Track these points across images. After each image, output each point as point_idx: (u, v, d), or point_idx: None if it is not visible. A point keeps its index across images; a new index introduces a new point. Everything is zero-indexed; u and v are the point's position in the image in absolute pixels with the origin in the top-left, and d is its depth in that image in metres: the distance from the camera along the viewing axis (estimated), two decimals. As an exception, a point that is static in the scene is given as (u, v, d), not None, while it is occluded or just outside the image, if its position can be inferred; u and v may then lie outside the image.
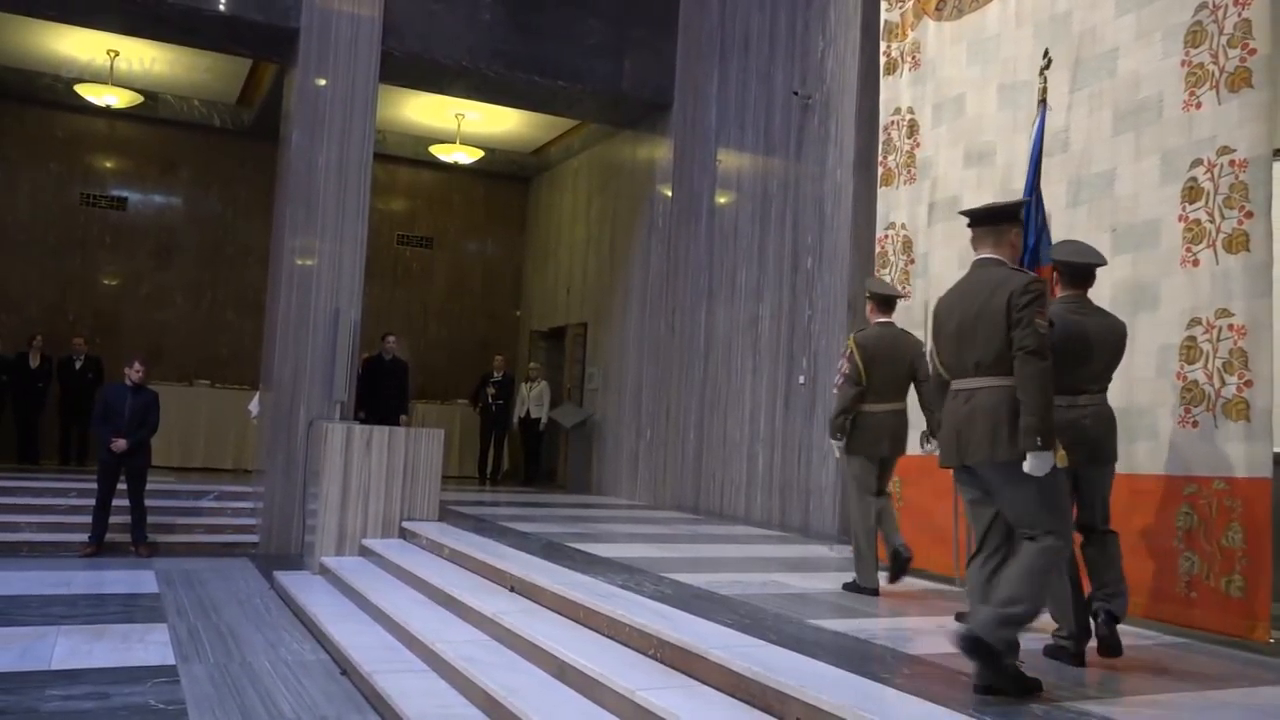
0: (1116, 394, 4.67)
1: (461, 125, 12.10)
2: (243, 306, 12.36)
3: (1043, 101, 5.29)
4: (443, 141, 12.47)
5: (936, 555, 5.46)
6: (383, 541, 7.17)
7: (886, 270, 6.38)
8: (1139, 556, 4.48)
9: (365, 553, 7.14)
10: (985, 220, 3.51)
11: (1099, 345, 3.87)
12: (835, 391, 5.25)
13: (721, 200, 9.35)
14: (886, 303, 5.21)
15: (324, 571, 6.96)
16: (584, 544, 6.38)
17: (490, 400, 12.23)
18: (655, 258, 10.31)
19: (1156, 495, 4.48)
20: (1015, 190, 5.45)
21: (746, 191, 8.96)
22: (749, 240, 8.82)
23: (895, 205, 6.33)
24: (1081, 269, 3.94)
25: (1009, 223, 3.49)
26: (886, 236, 6.39)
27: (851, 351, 5.17)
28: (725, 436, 8.74)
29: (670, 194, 10.14)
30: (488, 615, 4.80)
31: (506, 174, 13.97)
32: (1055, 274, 4.03)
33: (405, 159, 13.39)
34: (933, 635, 4.09)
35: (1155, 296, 4.60)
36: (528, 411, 12.10)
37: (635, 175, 11.03)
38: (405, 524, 7.31)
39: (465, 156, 12.34)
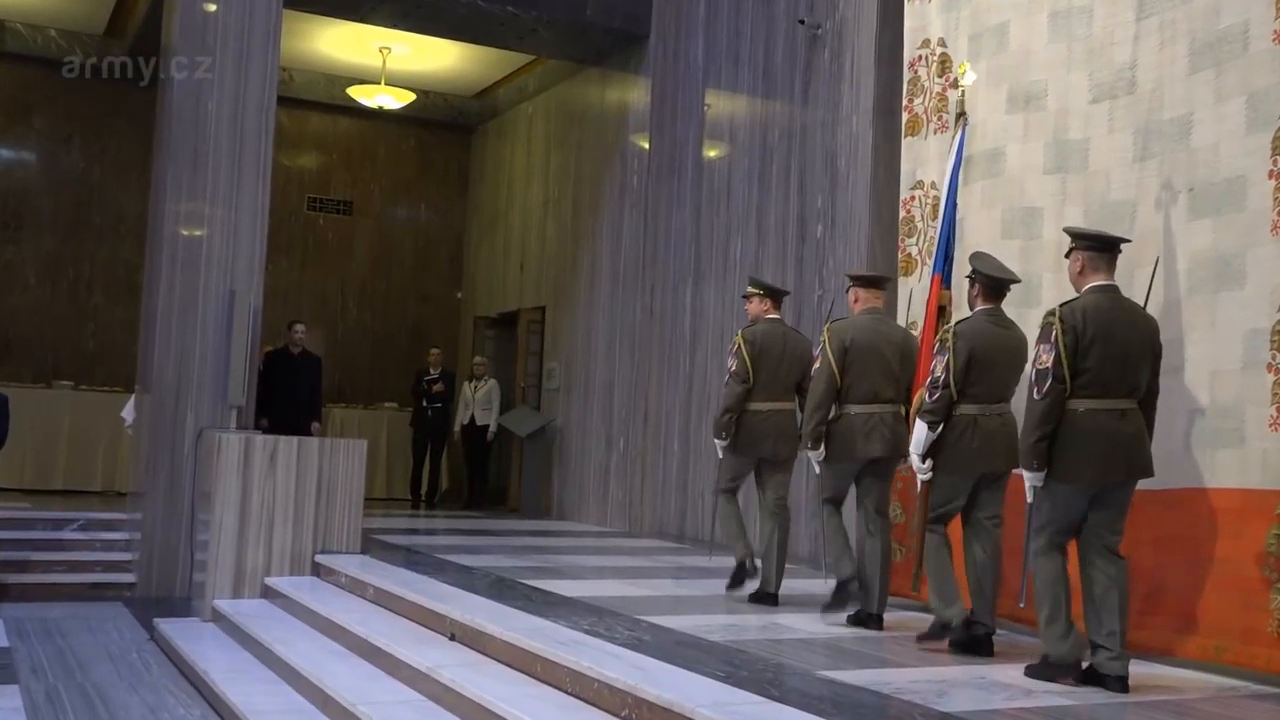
0: (1192, 390, 4.74)
1: (387, 62, 12.06)
2: (113, 289, 12.27)
3: (962, 115, 5.44)
4: (364, 82, 12.42)
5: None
6: (291, 580, 7.17)
7: (913, 239, 6.43)
8: (1218, 589, 4.53)
9: (269, 594, 7.13)
10: (1107, 247, 4.40)
11: (1021, 358, 4.89)
12: (723, 390, 6.04)
13: (711, 154, 9.37)
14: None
15: (218, 618, 6.95)
16: (542, 580, 6.40)
17: (425, 404, 12.23)
18: (629, 225, 10.31)
19: (1242, 514, 4.53)
20: (1069, 142, 5.50)
21: (741, 143, 8.97)
22: (745, 203, 8.83)
23: (923, 159, 6.37)
24: (1002, 284, 4.93)
25: (1118, 251, 4.46)
26: (913, 198, 6.43)
27: (738, 347, 5.91)
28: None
29: (647, 146, 10.14)
30: (422, 670, 4.80)
31: (444, 122, 13.93)
32: (974, 285, 4.93)
33: (317, 104, 13.32)
34: (968, 688, 4.13)
35: (1240, 271, 4.65)
36: (472, 417, 12.11)
37: (604, 123, 11.03)
38: (319, 558, 7.31)
39: (392, 100, 12.30)
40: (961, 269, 5.44)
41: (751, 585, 5.99)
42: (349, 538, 7.50)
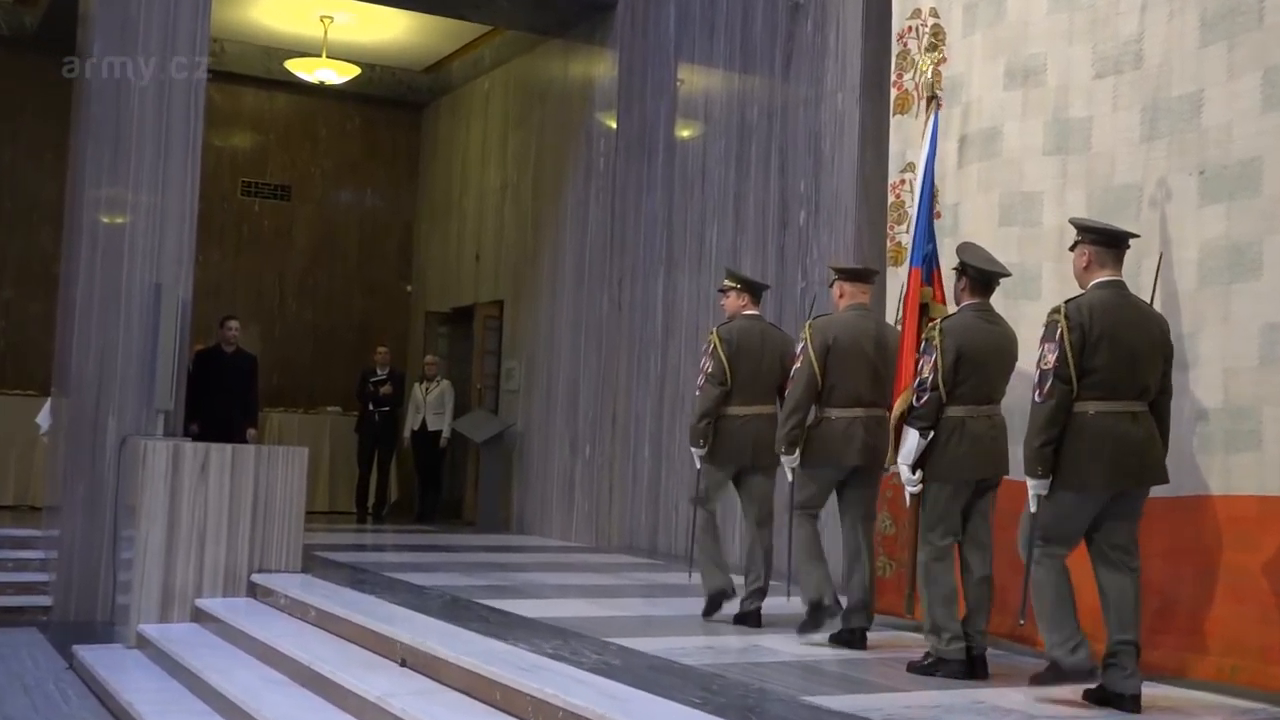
0: (1204, 389, 4.76)
1: (329, 32, 11.99)
2: (27, 281, 12.12)
3: (933, 98, 5.44)
4: (304, 54, 12.35)
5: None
6: (225, 602, 7.13)
7: (904, 226, 6.44)
8: (1233, 604, 4.57)
9: (201, 617, 7.09)
10: (1115, 242, 4.45)
11: (1011, 356, 4.96)
12: (697, 393, 6.00)
13: (684, 134, 9.36)
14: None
15: (143, 644, 6.91)
16: (501, 600, 6.38)
17: (372, 408, 12.18)
18: (596, 211, 10.30)
19: (1259, 523, 4.56)
20: (1070, 121, 5.52)
21: (718, 122, 8.97)
22: (721, 188, 8.84)
23: (914, 139, 6.38)
24: (991, 278, 4.95)
25: (1127, 246, 4.52)
26: (903, 181, 6.45)
27: (714, 346, 5.87)
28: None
29: (614, 125, 10.13)
30: (370, 699, 4.78)
31: (392, 99, 13.88)
32: (961, 278, 4.94)
33: (252, 78, 13.24)
34: (965, 714, 4.14)
35: (1256, 260, 4.68)
36: (423, 422, 12.08)
37: (567, 100, 11.00)
38: (256, 577, 7.28)
39: (335, 75, 12.23)
40: (949, 260, 5.44)
41: (731, 608, 5.96)
42: (289, 555, 7.46)
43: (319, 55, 12.14)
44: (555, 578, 7.82)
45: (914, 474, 4.83)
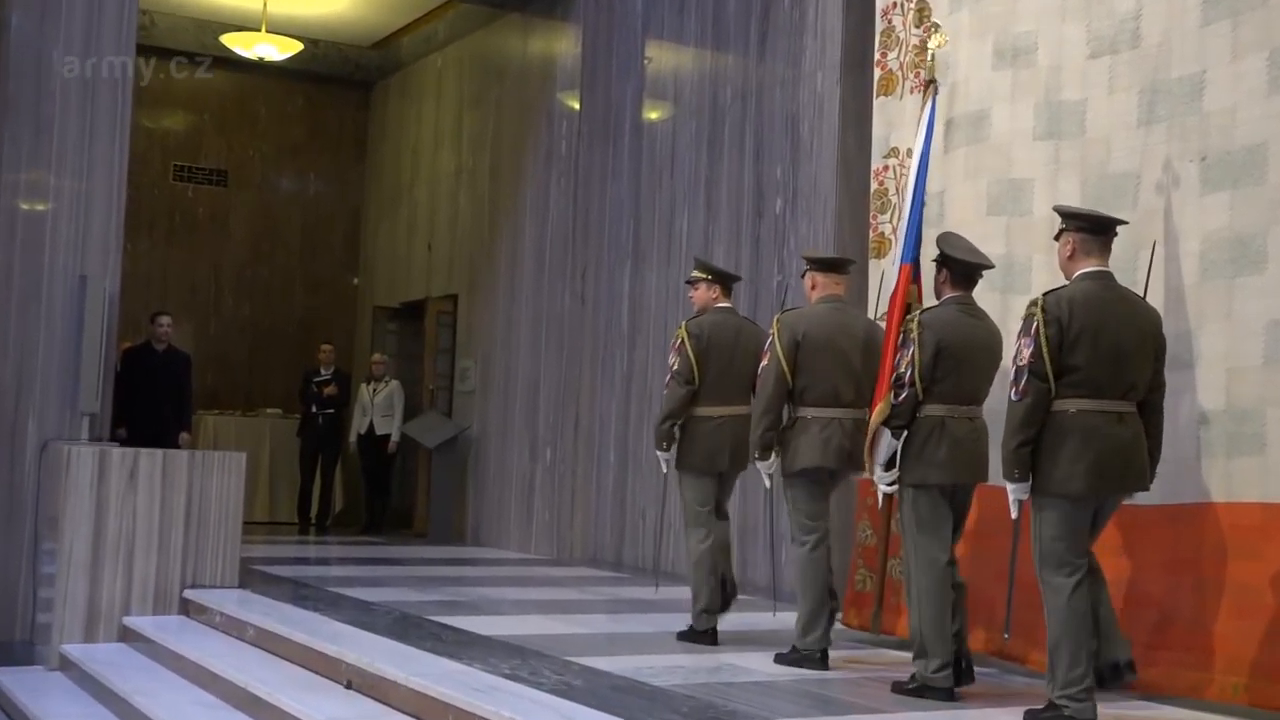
0: (1205, 390, 4.79)
1: (269, 4, 11.90)
2: (-60, 273, 12.00)
3: (932, 83, 5.44)
4: (241, 28, 12.26)
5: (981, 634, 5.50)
6: (155, 620, 7.09)
7: (887, 215, 6.46)
8: (1236, 618, 4.60)
9: (129, 636, 7.05)
10: (1101, 229, 4.47)
11: (994, 354, 4.99)
12: (665, 392, 5.97)
13: (653, 116, 9.35)
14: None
15: (66, 666, 6.87)
16: (454, 617, 6.38)
17: (315, 410, 12.13)
18: (557, 199, 10.28)
19: (1263, 531, 4.60)
20: (1063, 104, 5.55)
21: (688, 103, 8.97)
22: (692, 173, 8.83)
23: (898, 123, 6.40)
24: (973, 269, 4.97)
25: (1114, 234, 4.52)
26: (886, 168, 6.47)
27: (681, 341, 5.82)
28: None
29: (578, 107, 10.12)
30: (312, 724, 4.75)
31: (337, 76, 13.82)
32: (941, 270, 4.97)
33: (186, 53, 13.09)
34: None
35: (1261, 252, 4.72)
36: (370, 425, 12.03)
37: (526, 79, 10.98)
38: (189, 593, 7.24)
39: (275, 50, 12.14)
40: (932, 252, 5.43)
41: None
42: (225, 569, 7.42)
43: (258, 29, 12.04)
44: (513, 592, 7.81)
45: (887, 473, 4.84)
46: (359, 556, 10.05)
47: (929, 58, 6.06)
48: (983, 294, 5.12)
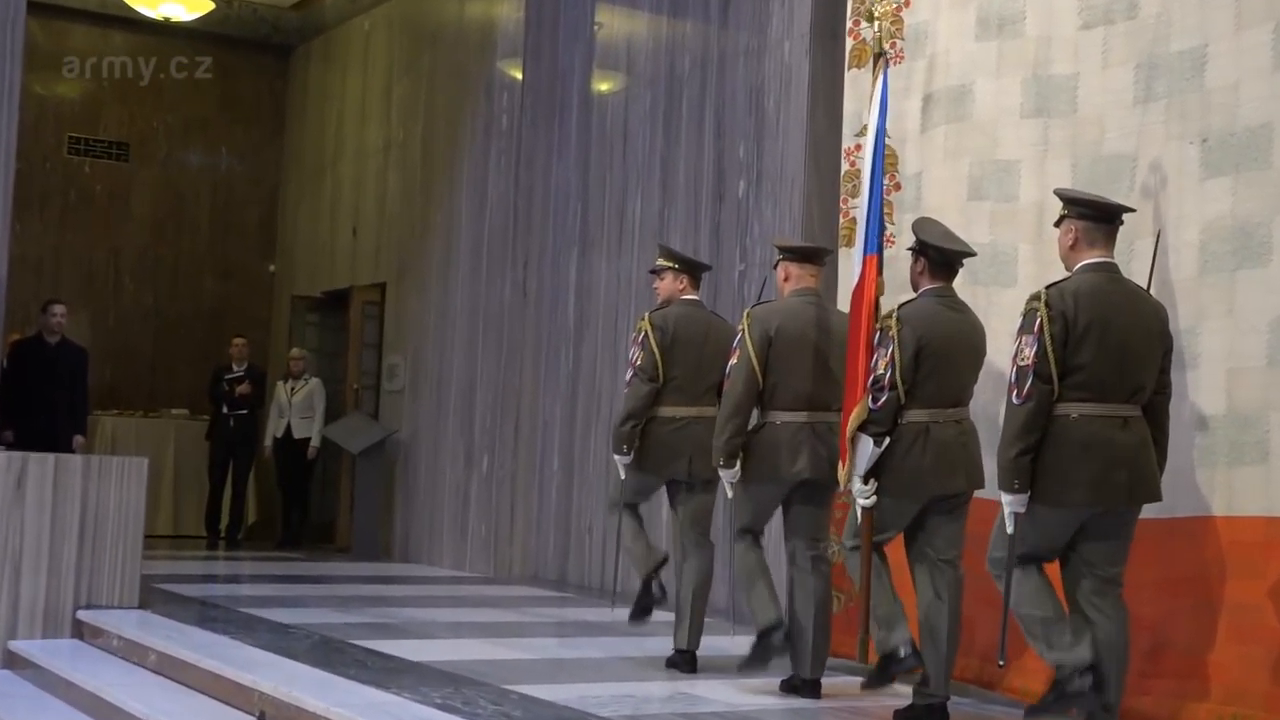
0: (1204, 393, 4.83)
1: (176, -41, 11.82)
2: None
3: (880, 55, 5.46)
4: (145, -14, 12.16)
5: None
6: (44, 644, 7.02)
7: (859, 200, 6.46)
8: (1237, 643, 4.64)
9: (14, 663, 6.98)
10: (1107, 217, 4.51)
11: (979, 350, 5.04)
12: (625, 390, 6.05)
13: (603, 88, 9.34)
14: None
15: (-57, 696, 6.75)
16: (381, 641, 6.36)
17: (226, 410, 12.09)
18: (497, 179, 10.27)
19: (1266, 548, 4.63)
20: (1053, 78, 5.58)
21: (642, 74, 8.97)
22: (646, 151, 8.84)
23: (870, 100, 6.41)
24: (953, 257, 5.00)
25: (1120, 222, 4.58)
26: (859, 147, 6.47)
27: (645, 334, 5.87)
28: (610, 464, 8.75)
29: (520, 77, 10.10)
30: (219, 761, 4.73)
31: (253, 40, 13.78)
32: (918, 259, 5.01)
33: (83, 13, 13.06)
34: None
35: (1265, 243, 4.76)
36: (288, 428, 12.03)
37: (463, 45, 10.95)
38: (83, 615, 7.19)
39: (183, 10, 12.05)
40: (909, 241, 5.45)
41: (665, 619, 5.98)
42: (124, 588, 7.35)
43: (164, -13, 11.96)
44: (446, 614, 7.79)
45: (866, 484, 4.86)
46: (274, 574, 10.00)
47: (886, 24, 6.05)
48: (964, 287, 5.15)
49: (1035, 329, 4.33)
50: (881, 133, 5.52)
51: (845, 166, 6.58)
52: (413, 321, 11.37)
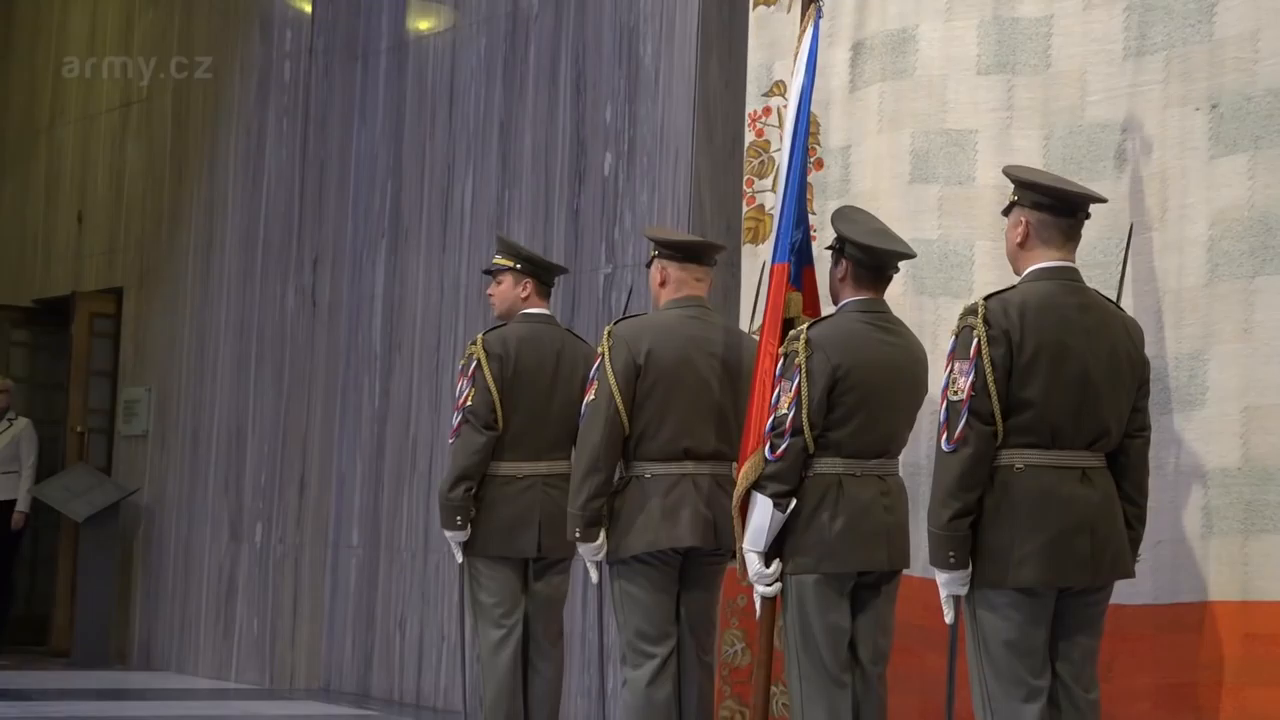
0: (1211, 437, 4.91)
1: None
2: None
3: (814, 3, 5.58)
4: None
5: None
6: None
7: (768, 180, 6.52)
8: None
9: None
10: (1068, 208, 4.53)
11: (917, 384, 5.09)
12: (451, 442, 5.99)
13: (422, 27, 9.37)
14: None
15: None
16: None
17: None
18: (277, 149, 10.26)
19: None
20: (1019, 23, 5.66)
21: (475, 10, 9.00)
22: (480, 115, 8.88)
23: (785, 48, 6.46)
24: (885, 260, 4.98)
25: (1085, 216, 4.61)
26: (767, 110, 6.54)
27: (477, 364, 5.83)
28: (433, 541, 8.75)
29: (310, 9, 10.08)
30: None
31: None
32: (839, 261, 5.01)
33: None
34: None
35: (1290, 237, 4.88)
36: (-13, 486, 11.81)
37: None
38: None
39: None
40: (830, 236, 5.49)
41: None
42: None
43: None
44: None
45: (768, 566, 4.86)
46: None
47: None
48: (902, 298, 5.21)
49: (971, 353, 4.35)
50: (808, 95, 5.55)
51: (750, 136, 6.61)
52: (160, 342, 11.27)
